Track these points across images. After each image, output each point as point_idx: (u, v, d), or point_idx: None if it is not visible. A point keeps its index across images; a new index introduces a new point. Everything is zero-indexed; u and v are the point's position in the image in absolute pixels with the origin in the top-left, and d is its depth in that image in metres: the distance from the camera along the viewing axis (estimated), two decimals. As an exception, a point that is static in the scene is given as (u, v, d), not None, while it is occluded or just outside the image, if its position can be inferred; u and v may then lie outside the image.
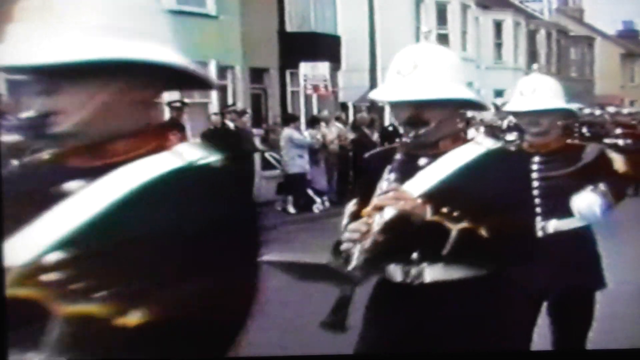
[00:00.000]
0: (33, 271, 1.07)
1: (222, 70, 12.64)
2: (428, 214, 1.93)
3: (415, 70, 1.99)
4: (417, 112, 2.01)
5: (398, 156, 2.13)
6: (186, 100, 9.84)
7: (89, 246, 1.07)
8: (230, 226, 1.11)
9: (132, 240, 1.06)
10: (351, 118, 13.98)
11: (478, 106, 2.34)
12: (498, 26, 21.56)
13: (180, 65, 1.14)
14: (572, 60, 26.05)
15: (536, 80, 3.09)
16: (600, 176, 2.96)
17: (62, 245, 1.07)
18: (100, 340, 1.06)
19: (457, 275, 2.00)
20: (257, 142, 11.10)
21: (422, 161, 2.06)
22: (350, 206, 2.20)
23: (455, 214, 1.92)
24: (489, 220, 1.91)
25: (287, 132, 11.15)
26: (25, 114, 1.15)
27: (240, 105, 11.96)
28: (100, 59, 1.06)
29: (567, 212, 2.94)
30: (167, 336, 1.06)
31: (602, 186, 2.92)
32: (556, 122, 3.06)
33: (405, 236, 1.96)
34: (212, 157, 1.15)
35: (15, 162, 1.18)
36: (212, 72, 12.23)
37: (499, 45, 21.67)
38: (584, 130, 11.96)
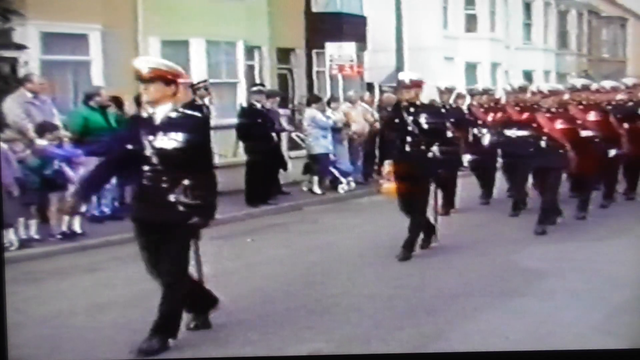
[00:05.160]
0: None
1: (250, 50, 12.66)
2: None
3: None
4: None
5: None
6: (213, 80, 9.87)
7: None
8: None
9: None
10: (377, 99, 13.91)
11: None
12: (527, 6, 21.19)
13: None
14: (604, 41, 25.51)
15: None
16: None
17: None
18: None
19: None
20: (284, 122, 11.11)
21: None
22: None
23: None
24: None
25: (310, 112, 11.16)
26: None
27: (268, 86, 11.97)
28: None
29: None
30: None
31: None
32: None
33: None
34: None
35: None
36: (240, 52, 12.27)
37: (528, 26, 21.32)
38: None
